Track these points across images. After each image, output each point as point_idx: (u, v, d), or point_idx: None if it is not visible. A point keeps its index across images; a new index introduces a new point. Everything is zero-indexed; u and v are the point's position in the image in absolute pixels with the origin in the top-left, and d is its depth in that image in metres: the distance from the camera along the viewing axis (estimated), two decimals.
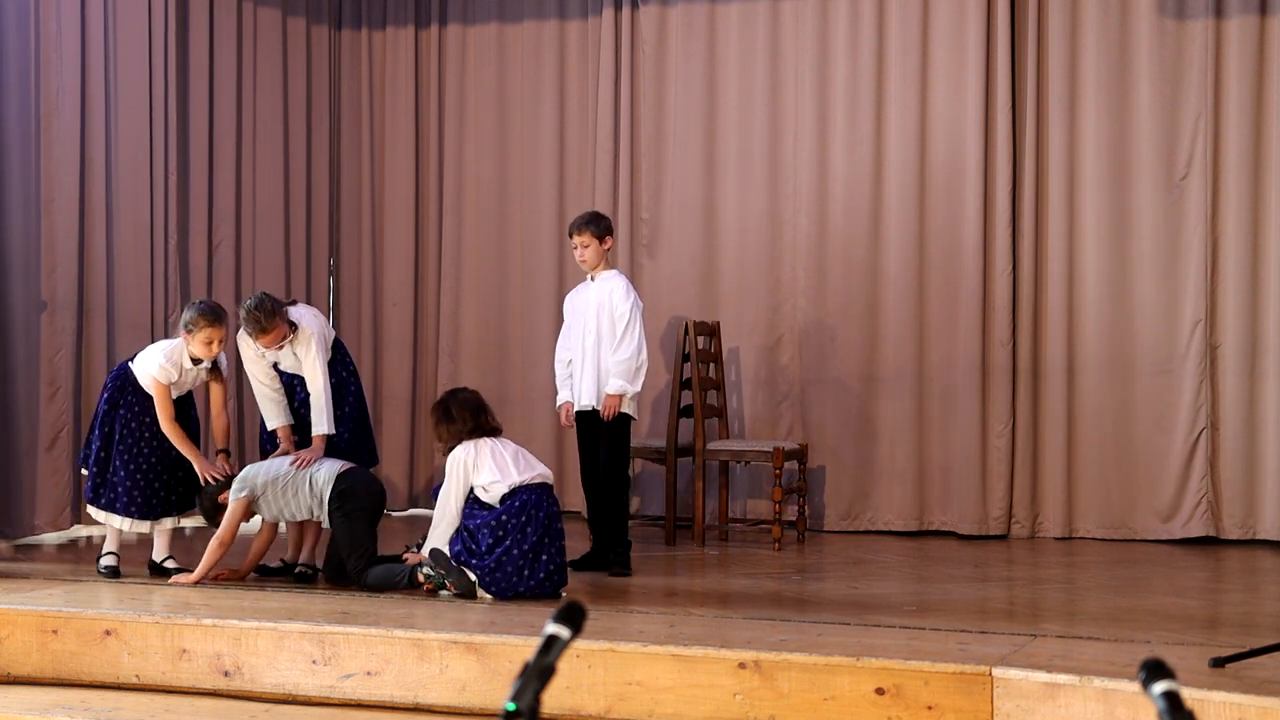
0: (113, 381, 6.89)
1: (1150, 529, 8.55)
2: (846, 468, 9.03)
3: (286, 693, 5.48)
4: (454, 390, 6.68)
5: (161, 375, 6.73)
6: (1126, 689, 4.49)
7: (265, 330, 6.72)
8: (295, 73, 9.80)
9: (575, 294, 7.41)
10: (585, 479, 7.42)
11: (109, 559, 6.80)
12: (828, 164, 9.12)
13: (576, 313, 7.31)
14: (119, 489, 6.79)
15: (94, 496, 6.84)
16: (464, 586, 6.27)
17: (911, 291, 8.92)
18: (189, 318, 6.74)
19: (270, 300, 6.81)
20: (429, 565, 6.33)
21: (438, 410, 6.54)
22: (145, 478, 6.83)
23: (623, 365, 7.07)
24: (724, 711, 4.99)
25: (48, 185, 8.12)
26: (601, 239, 7.16)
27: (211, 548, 6.58)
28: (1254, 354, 8.42)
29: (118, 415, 6.82)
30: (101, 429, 6.83)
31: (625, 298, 7.13)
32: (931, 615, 5.93)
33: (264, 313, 6.72)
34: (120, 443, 6.80)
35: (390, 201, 10.15)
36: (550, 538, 6.33)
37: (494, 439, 6.46)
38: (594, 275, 7.24)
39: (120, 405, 6.82)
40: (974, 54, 8.80)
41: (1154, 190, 8.56)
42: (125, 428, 6.81)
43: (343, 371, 7.06)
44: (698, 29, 9.38)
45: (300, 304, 7.14)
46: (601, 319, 7.14)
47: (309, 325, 6.84)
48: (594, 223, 7.18)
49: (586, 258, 7.18)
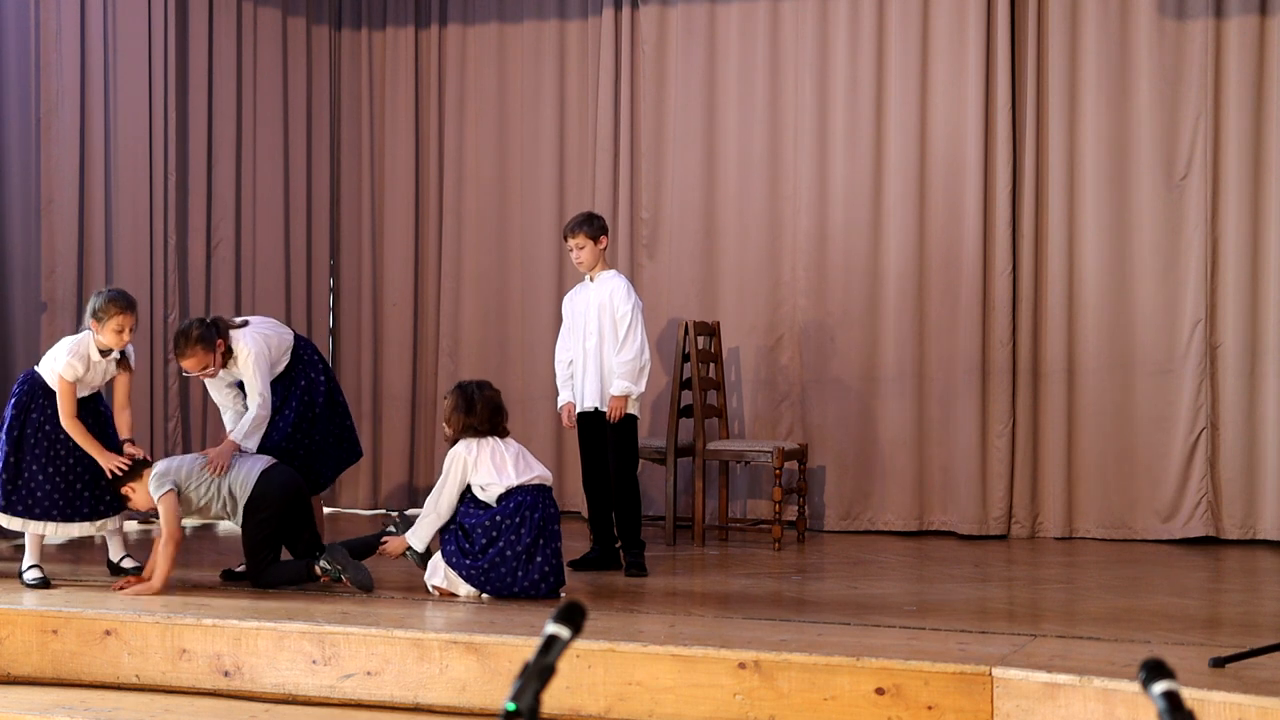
0: (19, 388, 6.66)
1: (1150, 529, 8.55)
2: (846, 468, 9.03)
3: (286, 693, 5.48)
4: (482, 383, 6.60)
5: (68, 372, 6.51)
6: (1126, 689, 4.49)
7: (181, 354, 6.66)
8: (295, 73, 9.81)
9: (574, 294, 7.39)
10: (587, 480, 7.40)
11: (34, 572, 6.51)
12: (828, 164, 9.11)
13: (576, 313, 7.29)
14: (37, 494, 6.57)
15: (5, 505, 6.55)
16: (360, 581, 6.34)
17: (911, 291, 8.92)
18: (98, 305, 6.52)
19: (200, 327, 6.67)
20: (325, 559, 6.39)
21: (461, 395, 6.47)
22: (65, 479, 6.62)
23: (626, 366, 7.05)
24: (724, 711, 4.99)
25: (48, 185, 8.12)
26: (596, 239, 7.14)
27: (163, 550, 6.34)
28: (1254, 354, 8.42)
29: (28, 419, 6.58)
30: (9, 435, 6.57)
31: (626, 298, 7.12)
32: (931, 615, 5.93)
33: (185, 338, 6.64)
34: (35, 447, 6.57)
35: (390, 201, 10.15)
36: (545, 539, 6.33)
37: (498, 439, 6.47)
38: (593, 276, 7.23)
39: (31, 409, 6.59)
40: (974, 54, 8.79)
41: (1154, 190, 8.56)
42: (39, 431, 6.59)
43: (311, 373, 6.99)
44: (698, 29, 9.38)
45: (252, 320, 7.00)
46: (603, 320, 7.13)
47: (246, 347, 6.72)
48: (587, 223, 7.17)
49: (583, 259, 7.17)
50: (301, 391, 6.95)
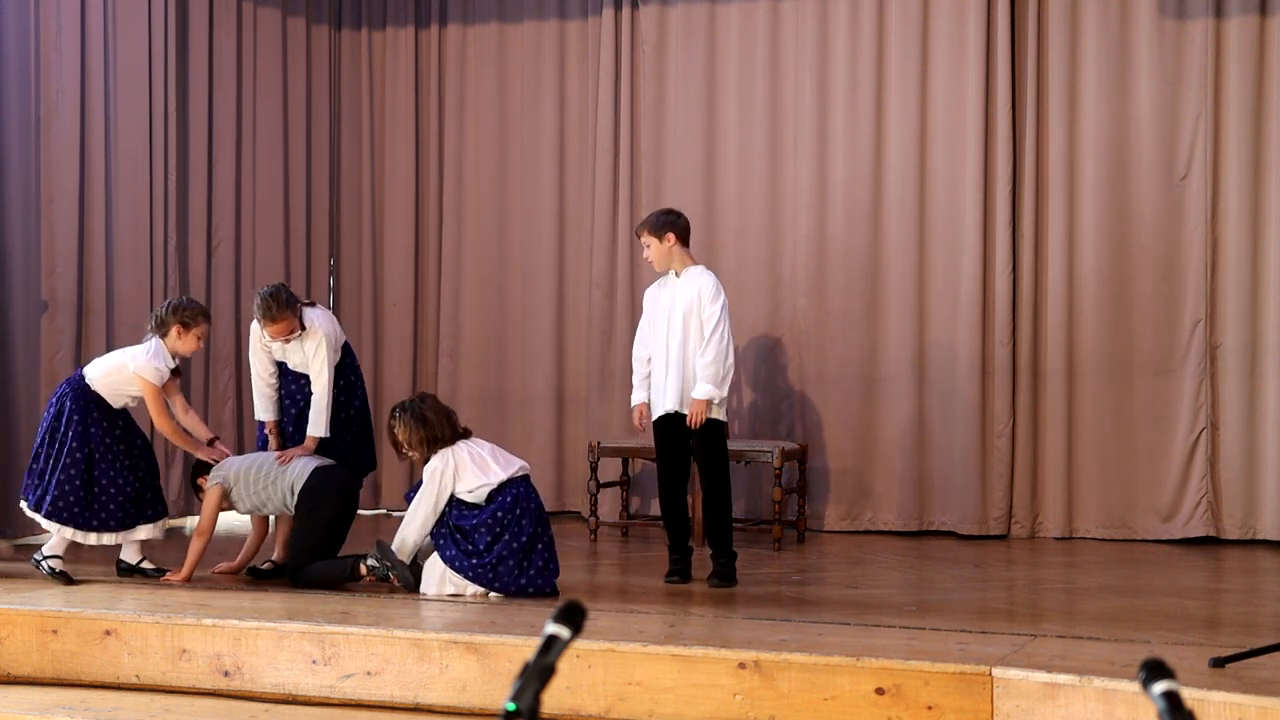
0: (73, 404, 6.67)
1: (1150, 529, 8.54)
2: (846, 468, 9.03)
3: (286, 693, 5.49)
4: (420, 396, 6.65)
5: (156, 377, 6.67)
6: (1126, 689, 4.49)
7: (274, 320, 6.79)
8: (295, 73, 9.80)
9: (657, 288, 7.04)
10: (664, 487, 6.93)
11: (56, 562, 6.61)
12: (828, 164, 9.11)
13: (658, 308, 6.94)
14: (110, 506, 6.68)
15: (82, 522, 6.63)
16: (407, 580, 6.35)
17: (911, 291, 8.92)
18: (190, 313, 6.75)
19: (286, 292, 6.87)
20: (374, 557, 6.40)
21: (409, 416, 6.41)
22: (133, 487, 6.78)
23: (710, 370, 6.68)
24: (724, 711, 5.00)
25: (48, 185, 8.12)
26: (661, 237, 6.84)
27: (193, 541, 6.69)
28: (1254, 354, 8.42)
29: (89, 435, 6.66)
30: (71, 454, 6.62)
31: (714, 298, 6.73)
32: (931, 615, 5.93)
33: (277, 302, 6.79)
34: (102, 460, 6.67)
35: (390, 201, 10.15)
36: (541, 528, 6.41)
37: (466, 441, 6.47)
38: (678, 271, 6.91)
39: (89, 424, 6.67)
40: (974, 54, 8.79)
41: (1154, 190, 8.56)
42: (102, 444, 6.69)
43: (351, 375, 7.12)
44: (698, 29, 9.38)
45: (319, 306, 7.17)
46: (689, 319, 6.77)
47: (320, 326, 6.88)
48: (650, 221, 6.94)
49: (651, 256, 6.93)
50: (339, 391, 7.00)
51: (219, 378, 9.22)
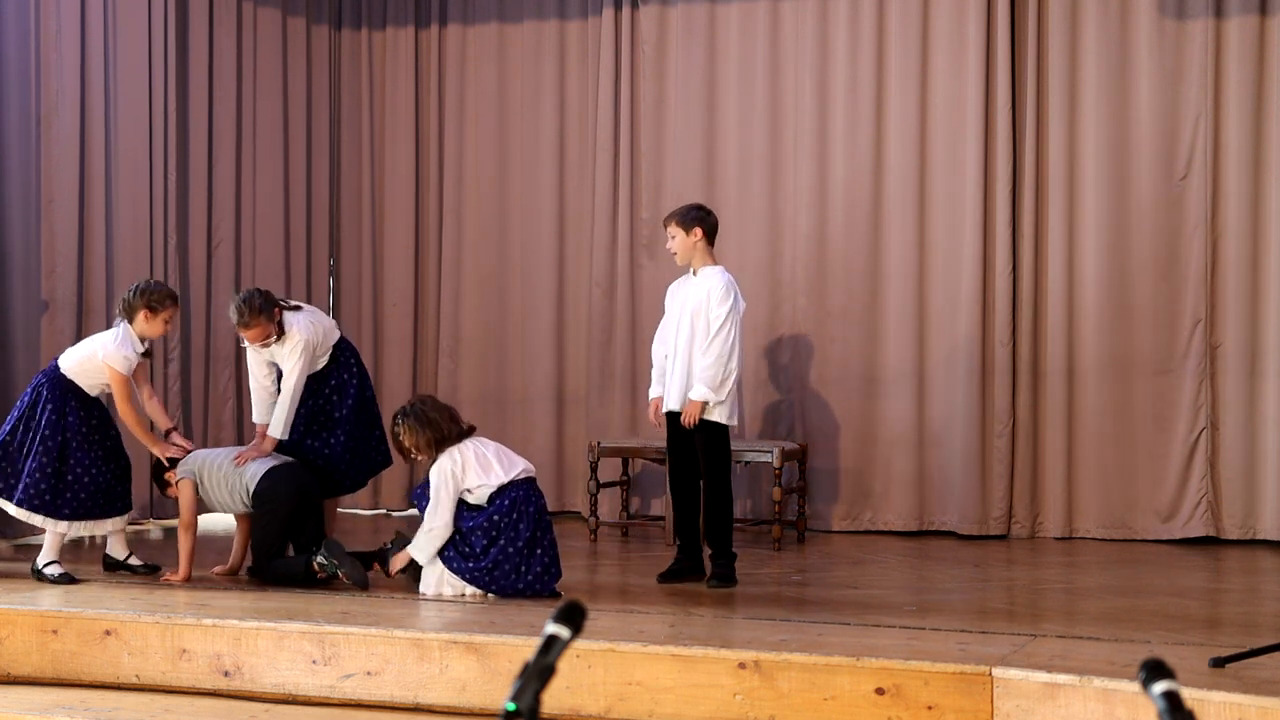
0: (48, 392, 6.63)
1: (1150, 529, 8.54)
2: (846, 468, 9.03)
3: (286, 693, 5.49)
4: (420, 398, 6.66)
5: (124, 365, 6.61)
6: (1126, 689, 4.49)
7: (246, 325, 6.74)
8: (295, 73, 9.80)
9: (677, 285, 7.01)
10: (672, 483, 7.08)
11: (55, 568, 6.58)
12: (828, 164, 9.11)
13: (676, 304, 6.91)
14: (81, 495, 6.64)
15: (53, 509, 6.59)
16: (356, 578, 6.39)
17: (911, 291, 8.91)
18: (157, 296, 6.66)
19: (261, 298, 6.77)
20: (323, 555, 6.44)
21: (413, 419, 6.40)
22: (104, 478, 6.74)
23: (708, 371, 6.63)
24: (724, 711, 5.00)
25: (48, 185, 8.12)
26: (688, 230, 6.75)
27: (181, 538, 6.68)
28: (1254, 354, 8.42)
29: (66, 423, 6.62)
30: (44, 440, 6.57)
31: (723, 299, 6.67)
32: (931, 615, 5.93)
33: (250, 308, 6.72)
34: (78, 449, 6.64)
35: (390, 201, 10.15)
36: (541, 531, 6.37)
37: (472, 440, 6.46)
38: (695, 269, 6.86)
39: (66, 412, 6.63)
40: (974, 54, 8.79)
41: (1154, 190, 8.56)
42: (78, 432, 6.66)
43: (344, 375, 7.04)
44: (698, 29, 9.38)
45: (306, 309, 7.09)
46: (697, 318, 6.74)
47: (298, 332, 6.81)
48: (679, 212, 6.87)
49: (675, 249, 6.86)
50: (331, 392, 6.97)
51: (219, 378, 9.23)
